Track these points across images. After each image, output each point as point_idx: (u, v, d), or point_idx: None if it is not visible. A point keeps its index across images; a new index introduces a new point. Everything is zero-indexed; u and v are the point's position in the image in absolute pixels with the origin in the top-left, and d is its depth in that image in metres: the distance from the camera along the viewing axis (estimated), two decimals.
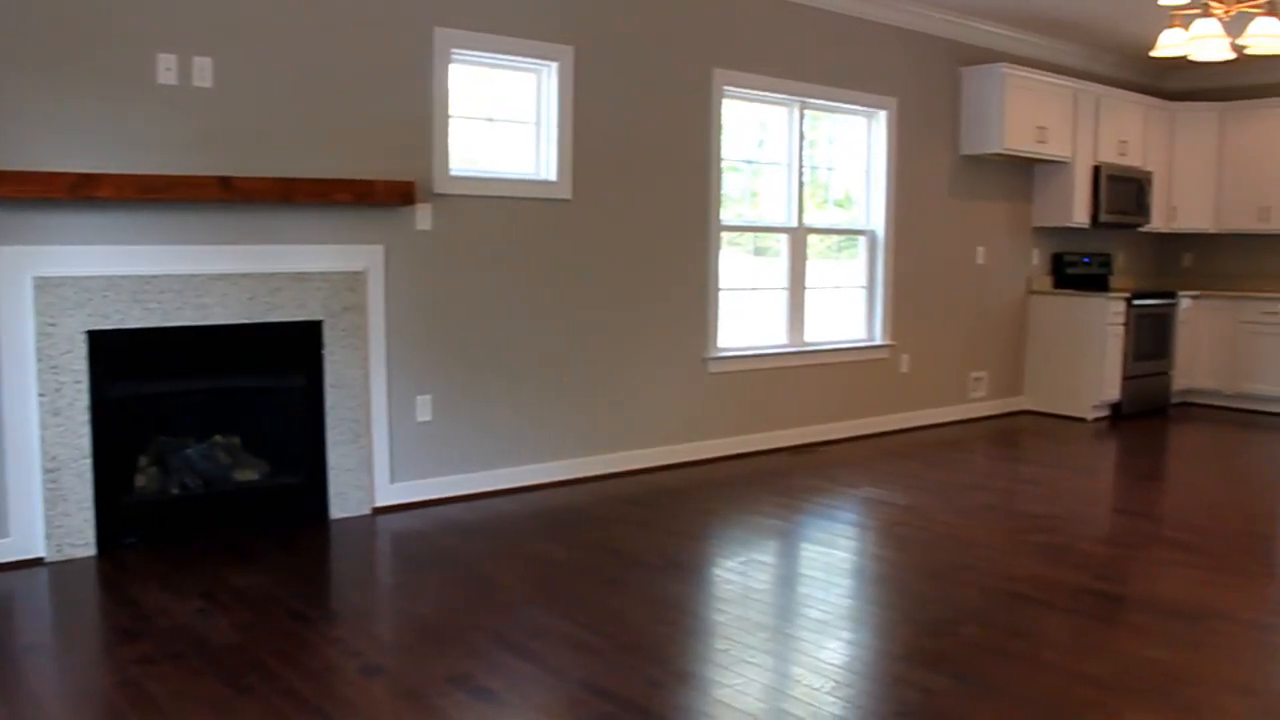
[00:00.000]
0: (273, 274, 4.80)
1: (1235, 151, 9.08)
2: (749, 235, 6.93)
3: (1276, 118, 8.82)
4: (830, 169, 7.37)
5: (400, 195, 4.96)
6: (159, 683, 3.14)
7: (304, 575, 4.25)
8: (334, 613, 3.84)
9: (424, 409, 5.35)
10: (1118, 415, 8.42)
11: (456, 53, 5.32)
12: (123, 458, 4.65)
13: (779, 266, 7.02)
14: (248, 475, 4.96)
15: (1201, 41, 5.67)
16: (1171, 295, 8.81)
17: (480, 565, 4.39)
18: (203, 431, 4.93)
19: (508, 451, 5.68)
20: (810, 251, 7.13)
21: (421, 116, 5.22)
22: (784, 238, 6.99)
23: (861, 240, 7.49)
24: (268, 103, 4.76)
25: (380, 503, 5.22)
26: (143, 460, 4.75)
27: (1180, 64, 8.48)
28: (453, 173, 5.36)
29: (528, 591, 4.05)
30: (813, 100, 6.97)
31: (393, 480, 5.26)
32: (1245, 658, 3.47)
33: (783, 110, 6.92)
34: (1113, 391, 8.32)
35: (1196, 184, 9.23)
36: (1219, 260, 9.59)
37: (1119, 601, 4.02)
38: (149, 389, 4.66)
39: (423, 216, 5.26)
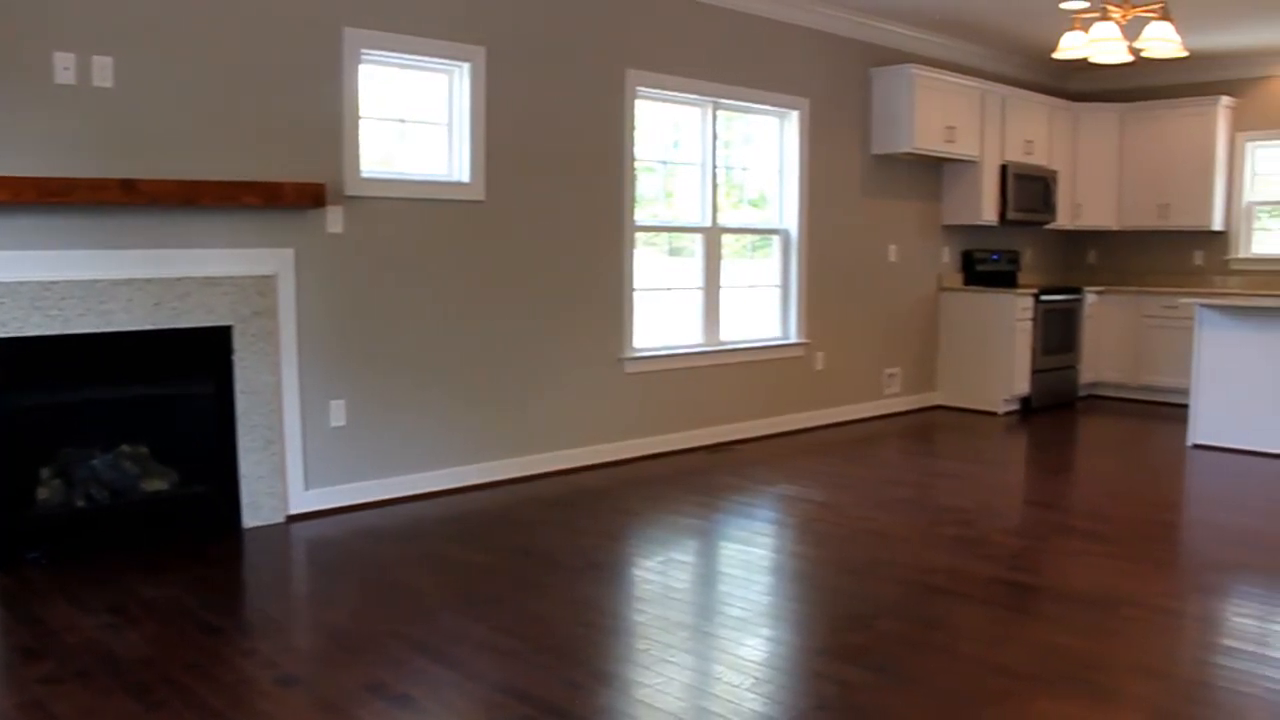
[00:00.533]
0: (179, 279, 4.69)
1: (1135, 151, 9.35)
2: (664, 235, 6.95)
3: (1173, 118, 9.11)
4: (744, 169, 7.42)
5: (310, 197, 4.88)
6: (65, 701, 3.05)
7: (216, 586, 4.16)
8: (248, 623, 3.77)
9: (338, 414, 5.26)
10: (1027, 409, 8.61)
11: (366, 53, 5.25)
12: (23, 470, 4.50)
13: (694, 266, 7.05)
14: (156, 485, 4.83)
15: (1101, 44, 5.83)
16: (1077, 291, 9.03)
17: (397, 571, 4.34)
18: (109, 441, 4.79)
19: (424, 456, 5.62)
20: (725, 251, 7.17)
21: (331, 117, 5.14)
22: (698, 238, 7.03)
23: (775, 239, 7.56)
24: (171, 103, 4.64)
25: (294, 510, 5.13)
26: (45, 472, 4.60)
27: (1082, 66, 8.70)
28: (364, 174, 5.28)
29: (446, 597, 4.01)
30: (725, 101, 7.01)
31: (307, 487, 5.17)
32: (1153, 642, 3.57)
33: (696, 111, 6.95)
34: (1022, 386, 8.50)
35: (1099, 182, 9.48)
36: (1122, 256, 9.87)
37: (1031, 591, 4.11)
38: (51, 399, 4.51)
39: (334, 219, 5.18)
